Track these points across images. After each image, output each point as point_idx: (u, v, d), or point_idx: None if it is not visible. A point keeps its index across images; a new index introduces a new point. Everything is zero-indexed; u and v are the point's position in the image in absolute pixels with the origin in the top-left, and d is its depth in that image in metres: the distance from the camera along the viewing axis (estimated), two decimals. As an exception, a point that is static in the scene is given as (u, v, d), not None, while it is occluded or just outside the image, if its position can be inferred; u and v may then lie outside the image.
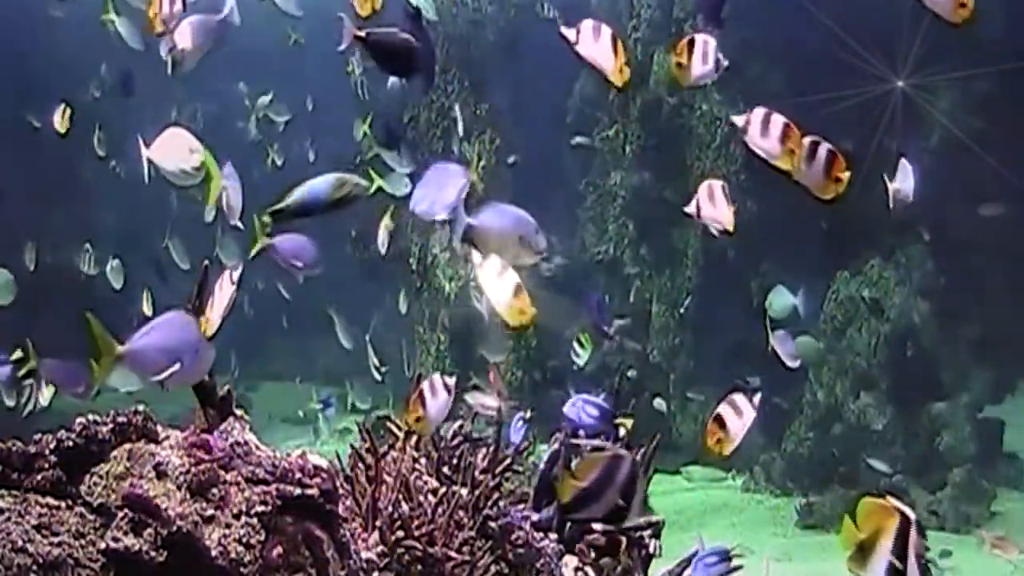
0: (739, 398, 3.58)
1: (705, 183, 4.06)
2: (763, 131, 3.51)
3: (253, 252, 3.97)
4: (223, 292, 3.35)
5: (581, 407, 3.79)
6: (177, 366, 2.51)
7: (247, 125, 10.84)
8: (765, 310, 6.90)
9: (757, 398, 3.56)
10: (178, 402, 2.81)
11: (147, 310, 7.64)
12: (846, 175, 3.44)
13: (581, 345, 6.73)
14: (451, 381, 3.32)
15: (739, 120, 3.56)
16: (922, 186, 4.76)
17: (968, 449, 8.67)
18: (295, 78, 10.94)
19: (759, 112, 3.51)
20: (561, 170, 11.13)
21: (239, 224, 4.08)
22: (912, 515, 2.18)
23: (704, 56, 3.75)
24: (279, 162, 9.88)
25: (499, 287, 3.38)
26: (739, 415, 3.56)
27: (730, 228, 3.99)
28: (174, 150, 3.96)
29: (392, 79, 9.30)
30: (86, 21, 8.43)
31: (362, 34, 3.67)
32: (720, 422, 3.55)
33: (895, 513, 2.17)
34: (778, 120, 3.49)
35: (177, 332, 2.54)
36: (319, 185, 3.73)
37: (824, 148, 3.46)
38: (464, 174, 3.45)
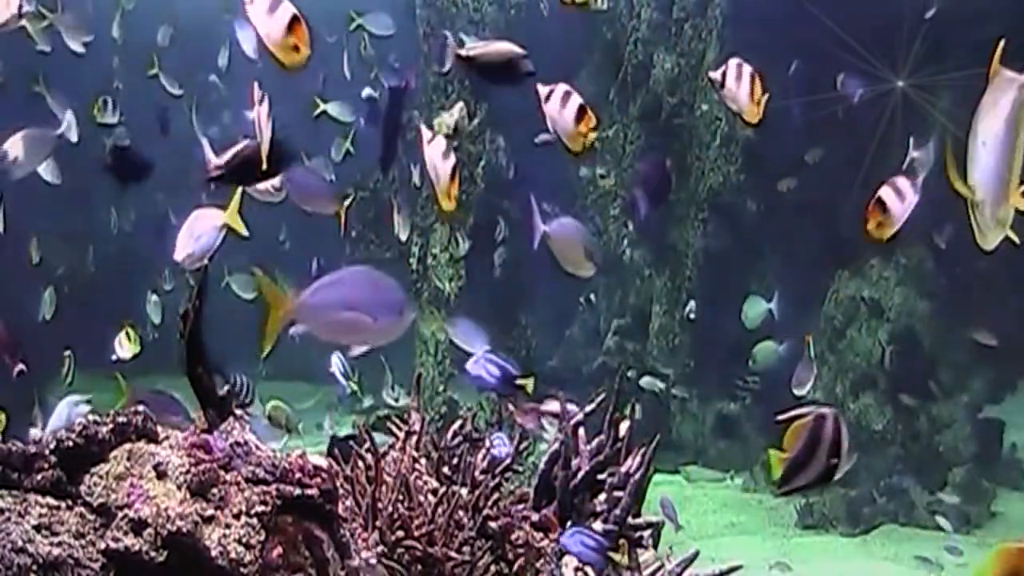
0: (903, 180, 3.33)
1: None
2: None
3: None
4: (261, 117, 3.33)
5: (484, 364, 3.77)
6: (363, 323, 2.22)
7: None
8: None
9: (920, 180, 3.38)
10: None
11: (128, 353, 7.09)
12: (592, 132, 3.63)
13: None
14: None
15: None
16: (922, 187, 4.79)
17: (968, 449, 8.67)
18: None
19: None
20: (560, 169, 11.11)
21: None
22: None
23: None
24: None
25: (271, 23, 2.99)
26: (902, 198, 3.33)
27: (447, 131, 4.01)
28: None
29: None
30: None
31: (462, 53, 3.77)
32: (882, 205, 3.32)
33: None
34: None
35: (361, 286, 2.24)
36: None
37: (575, 100, 3.61)
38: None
